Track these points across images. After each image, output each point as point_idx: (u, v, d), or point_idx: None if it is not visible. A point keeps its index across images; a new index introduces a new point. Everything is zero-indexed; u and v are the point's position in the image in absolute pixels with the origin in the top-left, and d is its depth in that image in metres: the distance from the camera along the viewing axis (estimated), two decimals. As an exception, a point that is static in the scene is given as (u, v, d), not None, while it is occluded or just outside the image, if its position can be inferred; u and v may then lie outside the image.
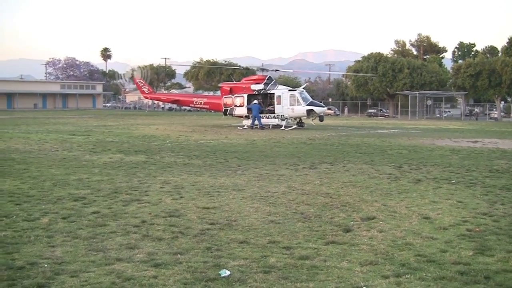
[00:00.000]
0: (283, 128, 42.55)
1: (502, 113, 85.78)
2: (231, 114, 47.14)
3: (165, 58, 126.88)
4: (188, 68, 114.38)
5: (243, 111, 45.37)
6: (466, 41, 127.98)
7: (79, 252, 7.95)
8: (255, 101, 44.04)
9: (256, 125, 42.90)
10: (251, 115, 44.06)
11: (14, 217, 10.15)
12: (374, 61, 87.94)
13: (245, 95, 45.22)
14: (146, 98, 61.64)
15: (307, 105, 43.55)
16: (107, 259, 7.61)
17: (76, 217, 10.20)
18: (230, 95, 46.74)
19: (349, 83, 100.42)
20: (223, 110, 47.33)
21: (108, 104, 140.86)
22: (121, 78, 63.64)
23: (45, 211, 10.66)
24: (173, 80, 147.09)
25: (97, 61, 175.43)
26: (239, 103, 45.68)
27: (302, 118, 44.91)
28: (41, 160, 19.41)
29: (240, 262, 7.55)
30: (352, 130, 43.67)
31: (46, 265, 7.33)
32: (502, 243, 8.71)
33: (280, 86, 46.63)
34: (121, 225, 9.59)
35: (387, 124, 56.77)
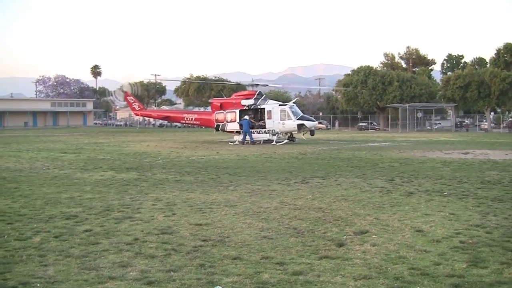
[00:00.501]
0: (274, 143, 42.55)
1: (492, 124, 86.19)
2: (223, 130, 46.95)
3: (155, 75, 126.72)
4: (178, 84, 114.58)
5: (235, 126, 45.33)
6: (454, 53, 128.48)
7: (72, 271, 7.89)
8: (246, 117, 44.04)
9: (247, 140, 42.89)
10: (242, 130, 44.13)
11: (6, 236, 10.09)
12: (364, 74, 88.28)
13: (237, 111, 45.21)
14: (137, 115, 61.48)
15: (297, 119, 43.60)
16: (100, 278, 7.57)
17: (68, 235, 10.15)
18: (222, 111, 46.60)
19: (339, 96, 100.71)
20: (215, 125, 47.16)
21: (99, 122, 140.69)
22: (112, 95, 63.47)
23: (37, 230, 10.59)
24: (163, 97, 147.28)
25: (87, 79, 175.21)
26: (231, 119, 45.67)
27: (293, 132, 44.99)
28: (32, 179, 19.33)
29: (234, 278, 7.52)
30: (343, 143, 43.73)
31: (38, 285, 7.28)
32: (495, 254, 8.72)
33: (271, 101, 46.76)
34: (114, 243, 9.54)
35: (378, 137, 56.91)
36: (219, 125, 46.70)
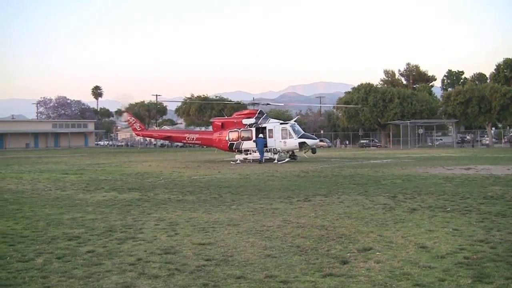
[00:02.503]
0: (276, 161, 42.52)
1: (493, 139, 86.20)
2: (237, 149, 45.97)
3: (156, 95, 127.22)
4: (179, 104, 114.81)
5: (251, 145, 44.99)
6: (454, 69, 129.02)
7: (75, 293, 7.86)
8: (260, 135, 43.95)
9: (259, 159, 42.91)
10: (243, 149, 44.21)
11: (8, 258, 10.05)
12: (364, 91, 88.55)
13: (253, 129, 44.96)
14: (138, 135, 61.57)
15: (299, 137, 43.65)
16: (103, 299, 7.53)
17: (71, 256, 10.11)
18: (236, 129, 45.92)
19: (340, 114, 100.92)
20: (228, 144, 46.31)
21: (101, 142, 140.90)
22: (114, 116, 63.79)
23: (40, 251, 10.56)
24: (164, 117, 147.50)
25: (88, 100, 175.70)
26: (247, 136, 45.17)
27: (294, 151, 44.99)
28: (34, 200, 19.31)
29: (238, 297, 7.48)
30: (345, 161, 43.71)
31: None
32: (500, 270, 8.67)
33: (272, 120, 46.76)
34: (117, 264, 9.50)
35: (380, 154, 56.90)
36: (233, 143, 46.07)
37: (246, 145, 45.23)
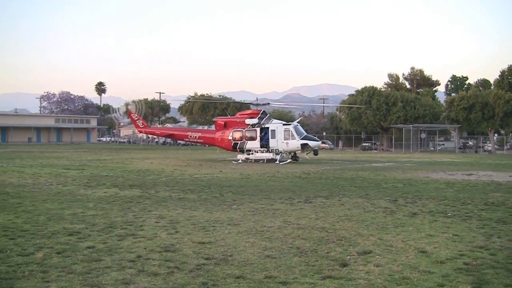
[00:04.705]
0: (277, 162, 42.50)
1: (495, 146, 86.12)
2: (241, 149, 45.92)
3: (160, 93, 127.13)
4: (183, 102, 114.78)
5: (255, 145, 45.03)
6: (459, 74, 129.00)
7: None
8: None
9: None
10: (246, 149, 44.31)
11: (8, 252, 10.07)
12: (368, 94, 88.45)
13: (258, 129, 45.02)
14: (141, 132, 61.58)
15: (301, 139, 43.66)
16: (102, 295, 7.54)
17: (71, 252, 10.12)
18: (240, 129, 45.95)
19: (343, 116, 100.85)
20: (232, 144, 46.28)
21: (103, 139, 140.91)
22: (116, 112, 63.64)
23: (40, 246, 10.57)
24: (167, 115, 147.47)
25: (92, 95, 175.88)
26: (251, 136, 45.23)
27: (296, 152, 44.99)
28: (36, 194, 19.33)
29: (237, 297, 7.49)
30: (346, 163, 43.69)
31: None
32: (499, 276, 8.67)
33: (275, 120, 46.78)
34: (116, 260, 9.51)
35: (382, 158, 56.87)
36: (237, 143, 45.99)
37: (250, 145, 45.22)
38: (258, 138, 44.51)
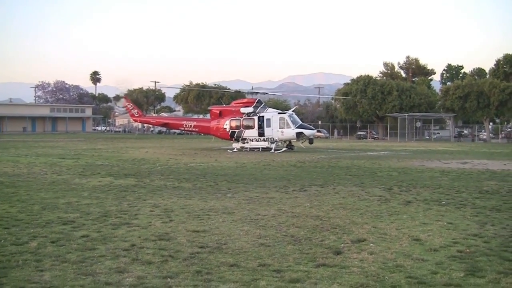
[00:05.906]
0: (272, 151, 42.51)
1: (490, 134, 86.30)
2: (238, 137, 45.69)
3: (155, 82, 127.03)
4: (178, 91, 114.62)
5: (253, 133, 44.97)
6: (454, 63, 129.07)
7: (68, 276, 7.86)
8: None
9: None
10: (241, 138, 44.33)
11: (2, 241, 10.06)
12: (363, 83, 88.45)
13: (256, 118, 44.99)
14: (136, 121, 61.50)
15: (296, 128, 43.66)
16: (96, 283, 7.54)
17: (65, 241, 10.12)
18: (238, 117, 45.80)
19: (338, 105, 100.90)
20: (230, 133, 46.10)
21: (98, 128, 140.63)
22: (112, 101, 63.67)
23: (34, 235, 10.56)
24: (162, 104, 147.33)
25: (87, 85, 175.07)
26: (249, 125, 45.17)
27: (292, 140, 44.99)
28: (30, 184, 19.30)
29: (230, 285, 7.50)
30: (341, 152, 43.73)
31: (34, 290, 7.25)
32: (493, 264, 8.70)
33: (270, 109, 46.78)
34: (111, 249, 9.51)
35: (377, 146, 56.95)
36: (235, 132, 45.83)
37: (248, 133, 45.16)
38: (256, 127, 44.48)
